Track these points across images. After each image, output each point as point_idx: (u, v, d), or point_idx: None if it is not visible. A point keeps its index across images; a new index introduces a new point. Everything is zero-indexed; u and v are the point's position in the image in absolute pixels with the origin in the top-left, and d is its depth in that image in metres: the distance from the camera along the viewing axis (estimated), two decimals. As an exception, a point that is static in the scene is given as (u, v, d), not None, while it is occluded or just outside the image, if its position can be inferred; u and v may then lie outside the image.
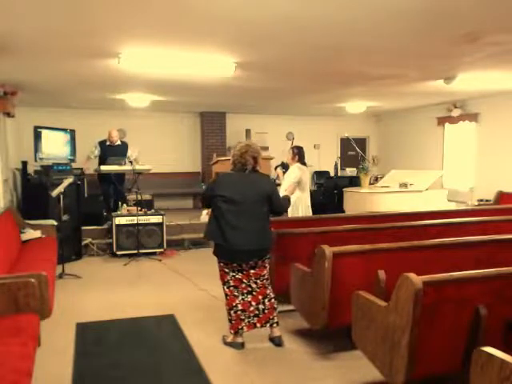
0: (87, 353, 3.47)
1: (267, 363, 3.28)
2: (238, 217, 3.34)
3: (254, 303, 3.49)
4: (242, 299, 3.48)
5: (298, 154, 5.42)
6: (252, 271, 3.48)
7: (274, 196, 3.48)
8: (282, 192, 5.35)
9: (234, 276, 3.48)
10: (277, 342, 3.53)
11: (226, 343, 3.57)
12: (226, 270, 3.50)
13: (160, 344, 3.62)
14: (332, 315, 3.12)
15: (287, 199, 3.94)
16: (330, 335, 3.62)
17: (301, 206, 5.39)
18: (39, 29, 3.83)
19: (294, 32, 3.96)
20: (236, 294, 3.49)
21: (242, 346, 3.50)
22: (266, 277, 3.54)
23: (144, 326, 4.00)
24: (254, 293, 3.49)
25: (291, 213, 5.33)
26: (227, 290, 3.51)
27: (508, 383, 1.62)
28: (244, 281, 3.49)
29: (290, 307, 3.79)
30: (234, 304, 3.48)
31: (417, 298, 2.23)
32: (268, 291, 3.53)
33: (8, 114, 6.59)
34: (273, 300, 3.54)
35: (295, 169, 5.37)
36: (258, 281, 3.50)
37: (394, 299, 2.39)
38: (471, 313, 2.38)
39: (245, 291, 3.49)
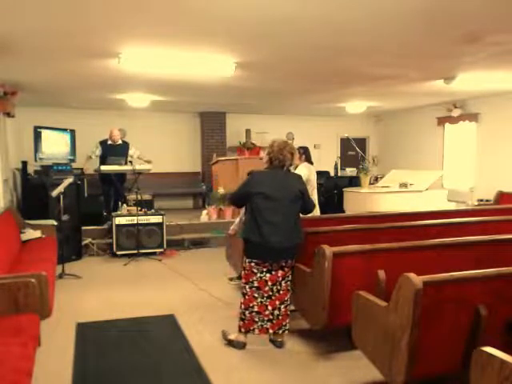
0: (87, 353, 3.46)
1: (267, 363, 3.28)
2: (275, 214, 3.33)
3: (270, 307, 3.47)
4: (260, 302, 3.46)
5: (305, 153, 5.51)
6: (280, 272, 3.46)
7: (305, 195, 3.51)
8: None
9: (260, 277, 3.45)
10: (278, 344, 3.53)
11: (227, 340, 3.56)
12: (255, 271, 3.45)
13: (160, 344, 3.62)
14: (332, 315, 3.12)
15: (313, 201, 3.93)
16: (330, 335, 3.63)
17: None
18: (39, 29, 3.83)
19: (294, 32, 3.96)
20: (256, 295, 3.46)
21: (243, 346, 3.49)
22: (290, 278, 3.53)
23: (144, 326, 4.00)
24: (273, 297, 3.47)
25: None
26: (249, 289, 3.47)
27: (508, 383, 1.62)
28: (269, 283, 3.45)
29: (290, 307, 3.78)
30: (251, 305, 3.46)
31: (417, 298, 2.23)
32: (287, 297, 3.51)
33: (8, 114, 6.60)
34: (288, 306, 3.53)
35: (303, 168, 5.43)
36: (283, 282, 3.48)
37: (394, 299, 2.39)
38: (471, 313, 2.38)
39: (265, 295, 3.46)
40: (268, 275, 3.45)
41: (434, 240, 3.47)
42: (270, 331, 3.49)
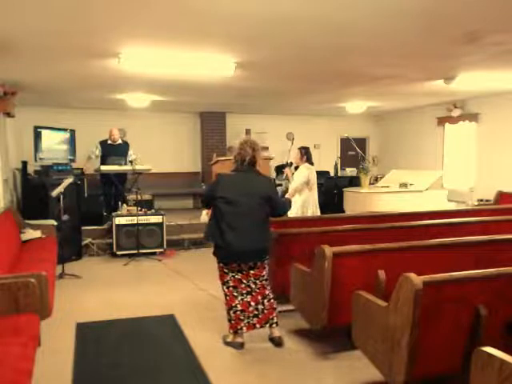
0: (87, 353, 3.46)
1: (267, 363, 3.28)
2: (237, 218, 3.35)
3: (253, 303, 3.49)
4: (242, 299, 3.49)
5: (306, 154, 5.53)
6: (251, 272, 3.48)
7: (273, 198, 3.49)
8: (290, 191, 5.46)
9: (233, 276, 3.49)
10: (277, 341, 3.53)
11: (225, 343, 3.57)
12: (226, 271, 3.51)
13: (160, 344, 3.61)
14: (332, 315, 3.12)
15: (288, 202, 3.94)
16: (330, 335, 3.62)
17: (310, 205, 5.49)
18: (39, 29, 3.83)
19: (294, 32, 3.96)
20: (235, 294, 3.49)
21: (241, 346, 3.50)
22: (265, 277, 3.54)
23: (144, 326, 4.00)
24: (254, 293, 3.49)
25: (300, 212, 5.41)
26: (226, 290, 3.52)
27: (508, 383, 1.62)
28: (243, 281, 3.49)
29: (290, 307, 3.79)
30: (234, 304, 3.49)
31: (417, 298, 2.23)
32: (267, 291, 3.53)
33: (8, 114, 6.60)
34: (272, 300, 3.54)
35: (304, 169, 5.46)
36: (257, 281, 3.51)
37: (394, 299, 2.39)
38: (471, 313, 2.38)
39: (244, 291, 3.49)
40: (240, 274, 3.49)
41: (434, 240, 3.47)
42: (258, 326, 3.51)
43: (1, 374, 2.20)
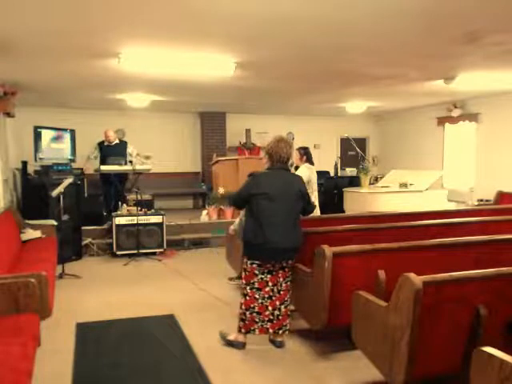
0: (87, 353, 3.46)
1: (267, 363, 3.28)
2: (277, 215, 3.33)
3: (270, 308, 3.47)
4: (261, 303, 3.46)
5: (306, 154, 5.52)
6: (281, 272, 3.46)
7: (306, 195, 3.52)
8: None
9: (261, 278, 3.45)
10: (277, 344, 3.53)
11: (226, 340, 3.56)
12: (256, 272, 3.44)
13: (160, 344, 3.61)
14: (332, 315, 3.12)
15: (312, 202, 3.94)
16: (330, 335, 3.62)
17: None
18: (39, 29, 3.83)
19: (294, 32, 3.96)
20: (257, 296, 3.46)
21: (243, 346, 3.49)
22: (290, 278, 3.53)
23: (144, 326, 4.00)
24: (273, 298, 3.47)
25: None
26: (249, 291, 3.46)
27: (508, 383, 1.62)
28: (269, 284, 3.45)
29: (290, 307, 3.78)
30: (252, 306, 3.45)
31: (417, 298, 2.23)
32: (287, 297, 3.51)
33: (8, 114, 6.60)
34: (288, 307, 3.53)
35: (304, 169, 5.46)
36: (283, 283, 3.48)
37: (394, 299, 2.39)
38: (471, 313, 2.38)
39: (266, 296, 3.46)
40: (269, 276, 3.45)
41: (434, 240, 3.46)
42: (270, 331, 3.49)
43: (1, 374, 2.20)
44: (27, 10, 3.35)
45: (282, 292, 3.48)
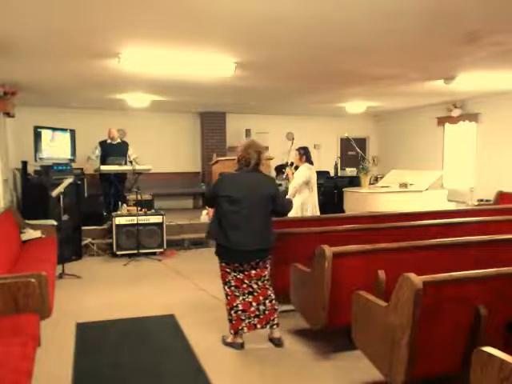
0: (87, 353, 3.47)
1: (267, 363, 3.28)
2: (241, 217, 3.34)
3: (254, 303, 3.49)
4: (243, 299, 3.48)
5: (305, 154, 5.54)
6: (253, 272, 3.48)
7: (276, 197, 3.49)
8: (291, 191, 5.48)
9: (235, 276, 3.48)
10: (276, 342, 3.53)
11: (225, 343, 3.57)
12: (228, 270, 3.50)
13: (160, 344, 3.62)
14: (332, 315, 3.12)
15: (290, 202, 3.94)
16: (330, 335, 3.62)
17: (309, 205, 5.50)
18: (39, 29, 3.83)
19: (294, 32, 3.96)
20: (237, 294, 3.49)
21: (241, 346, 3.50)
22: (266, 278, 3.54)
23: (144, 326, 4.00)
24: (255, 293, 3.49)
25: (300, 212, 5.41)
26: (228, 289, 3.51)
27: (508, 383, 1.62)
28: (245, 281, 3.48)
29: (290, 307, 3.79)
30: (235, 304, 3.48)
31: (417, 298, 2.23)
32: (269, 292, 3.53)
33: (8, 114, 6.59)
34: (273, 301, 3.53)
35: (304, 169, 5.47)
36: (259, 282, 3.50)
37: (394, 299, 2.39)
38: (471, 313, 2.38)
39: (246, 291, 3.49)
40: (242, 274, 3.48)
41: (434, 240, 3.47)
42: (258, 326, 3.50)
43: (1, 374, 2.20)
44: (27, 10, 3.35)
45: (260, 290, 3.49)
